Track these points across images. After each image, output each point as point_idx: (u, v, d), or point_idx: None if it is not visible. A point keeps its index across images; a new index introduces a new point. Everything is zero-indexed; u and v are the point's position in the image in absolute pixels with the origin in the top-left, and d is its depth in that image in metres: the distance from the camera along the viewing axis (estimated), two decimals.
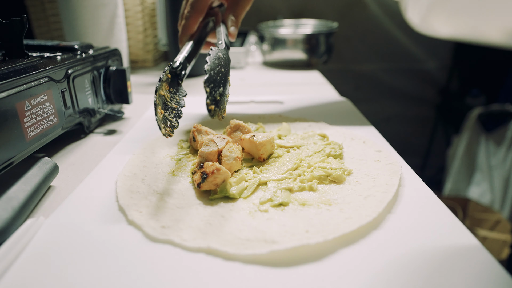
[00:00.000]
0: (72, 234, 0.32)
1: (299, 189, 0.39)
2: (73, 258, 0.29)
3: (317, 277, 0.27)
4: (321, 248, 0.29)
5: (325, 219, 0.33)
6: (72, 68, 0.51)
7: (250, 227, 0.32)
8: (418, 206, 0.35)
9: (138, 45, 1.08)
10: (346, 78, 2.08)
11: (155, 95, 0.41)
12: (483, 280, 0.26)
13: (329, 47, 1.12)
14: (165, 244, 0.30)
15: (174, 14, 0.94)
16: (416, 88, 2.13)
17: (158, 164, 0.45)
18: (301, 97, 0.76)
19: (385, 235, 0.31)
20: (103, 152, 0.52)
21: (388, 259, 0.28)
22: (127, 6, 1.02)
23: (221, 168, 0.37)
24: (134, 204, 0.35)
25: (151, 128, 0.59)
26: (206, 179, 0.36)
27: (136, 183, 0.40)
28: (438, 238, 0.31)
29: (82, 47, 0.58)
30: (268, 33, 1.13)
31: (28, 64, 0.45)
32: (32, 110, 0.42)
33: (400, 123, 2.20)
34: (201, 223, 0.33)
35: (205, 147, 0.41)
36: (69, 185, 0.43)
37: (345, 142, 0.51)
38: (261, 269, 0.27)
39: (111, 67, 0.62)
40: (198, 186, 0.37)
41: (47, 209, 0.37)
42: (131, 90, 0.65)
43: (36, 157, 0.46)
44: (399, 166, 0.41)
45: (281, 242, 0.29)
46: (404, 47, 2.03)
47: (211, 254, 0.29)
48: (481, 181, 1.76)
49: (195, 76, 1.01)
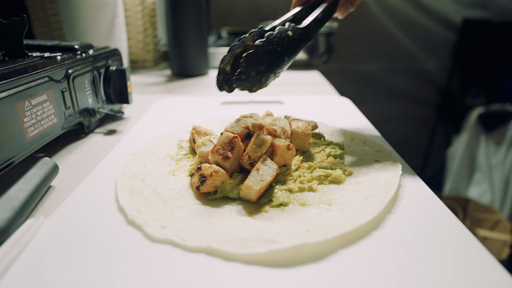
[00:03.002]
0: (72, 234, 0.32)
1: (299, 189, 0.39)
2: (73, 258, 0.29)
3: (317, 277, 0.27)
4: (321, 248, 0.29)
5: (325, 219, 0.33)
6: (72, 68, 0.51)
7: (250, 227, 0.32)
8: (418, 206, 0.35)
9: (138, 45, 1.08)
10: (346, 78, 2.08)
11: (232, 47, 0.41)
12: (483, 280, 0.26)
13: (329, 47, 1.12)
14: (165, 244, 0.30)
15: (174, 14, 0.94)
16: (416, 88, 2.13)
17: (158, 164, 0.45)
18: (301, 97, 0.76)
19: (385, 235, 0.31)
20: (103, 152, 0.52)
21: (388, 259, 0.28)
22: (127, 6, 1.02)
23: (219, 170, 0.37)
24: (134, 204, 0.35)
25: (151, 128, 0.59)
26: (205, 181, 0.36)
27: (136, 183, 0.40)
28: (438, 238, 0.31)
29: (82, 47, 0.58)
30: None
31: (28, 64, 0.45)
32: (32, 110, 0.42)
33: (400, 123, 2.20)
34: (201, 223, 0.33)
35: (204, 147, 0.41)
36: (69, 185, 0.43)
37: (345, 142, 0.50)
38: (261, 269, 0.27)
39: (111, 67, 0.62)
40: (197, 189, 0.37)
41: (47, 209, 0.37)
42: (131, 90, 0.65)
43: (36, 157, 0.46)
44: (399, 166, 0.41)
45: (281, 241, 0.29)
46: (404, 47, 2.04)
47: (211, 254, 0.29)
48: (481, 181, 1.76)
49: (195, 76, 1.01)
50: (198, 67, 1.01)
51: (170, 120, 0.63)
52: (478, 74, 2.05)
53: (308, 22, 0.43)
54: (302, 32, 0.42)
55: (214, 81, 0.97)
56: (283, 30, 0.40)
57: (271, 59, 0.39)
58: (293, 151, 0.41)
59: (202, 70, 1.02)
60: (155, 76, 1.03)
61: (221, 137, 0.39)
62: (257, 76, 0.39)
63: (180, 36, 0.96)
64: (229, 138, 0.39)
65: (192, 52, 0.98)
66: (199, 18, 0.95)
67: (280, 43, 0.39)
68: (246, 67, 0.37)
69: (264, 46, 0.38)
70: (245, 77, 0.38)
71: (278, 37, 0.39)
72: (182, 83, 0.95)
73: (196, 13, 0.94)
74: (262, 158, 0.38)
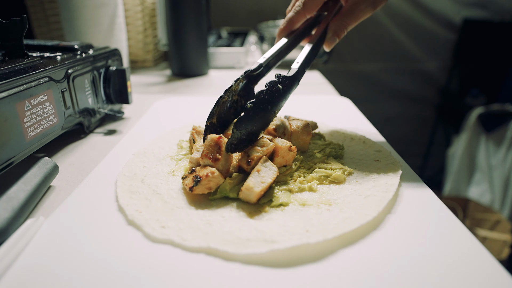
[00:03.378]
0: (72, 234, 0.32)
1: (299, 189, 0.39)
2: (73, 258, 0.29)
3: (317, 277, 0.27)
4: (321, 248, 0.29)
5: (325, 219, 0.33)
6: (72, 68, 0.51)
7: (250, 227, 0.32)
8: (418, 206, 0.35)
9: (138, 45, 1.08)
10: (346, 78, 2.08)
11: (222, 97, 0.42)
12: (483, 280, 0.26)
13: None
14: (165, 244, 0.30)
15: (174, 14, 0.94)
16: (416, 88, 2.13)
17: (158, 164, 0.45)
18: (301, 97, 0.76)
19: (385, 235, 0.31)
20: (103, 152, 0.52)
21: (388, 259, 0.28)
22: (127, 6, 1.02)
23: (215, 171, 0.37)
24: (134, 204, 0.35)
25: (151, 128, 0.59)
26: (200, 182, 0.36)
27: (136, 183, 0.40)
28: (438, 238, 0.31)
29: (82, 47, 0.58)
30: (268, 33, 1.13)
31: (28, 64, 0.45)
32: (32, 110, 0.42)
33: (400, 123, 2.20)
34: (201, 223, 0.33)
35: (196, 153, 0.41)
36: (69, 185, 0.43)
37: (345, 142, 0.50)
38: (261, 269, 0.27)
39: (111, 67, 0.62)
40: (191, 189, 0.36)
41: (47, 209, 0.37)
42: (131, 90, 0.65)
43: (36, 157, 0.46)
44: (399, 166, 0.41)
45: (281, 241, 0.29)
46: (404, 47, 2.04)
47: (211, 254, 0.29)
48: (481, 181, 1.76)
49: (195, 76, 1.01)
50: (198, 67, 1.01)
51: (170, 120, 0.63)
52: (478, 74, 2.05)
53: (296, 69, 0.44)
54: (291, 81, 0.43)
55: (214, 81, 0.97)
56: (273, 84, 0.40)
57: (262, 118, 0.40)
58: (294, 152, 0.41)
59: (202, 70, 1.02)
60: (155, 76, 1.03)
61: (206, 141, 0.39)
62: (248, 137, 0.39)
63: (180, 36, 0.96)
64: (214, 141, 0.39)
65: (192, 52, 0.98)
66: (199, 18, 0.95)
67: (271, 100, 0.40)
68: (237, 132, 0.38)
69: (255, 108, 0.38)
70: (236, 142, 0.38)
71: (269, 94, 0.40)
72: (182, 83, 0.95)
73: (196, 13, 0.94)
74: (262, 159, 0.38)
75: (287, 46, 0.50)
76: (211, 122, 0.43)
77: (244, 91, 0.46)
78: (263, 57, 0.46)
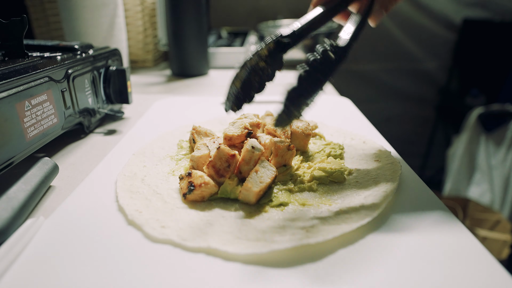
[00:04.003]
0: (72, 234, 0.32)
1: (299, 189, 0.39)
2: (73, 258, 0.29)
3: (317, 277, 0.27)
4: (321, 248, 0.29)
5: (325, 218, 0.33)
6: (72, 68, 0.51)
7: (250, 227, 0.32)
8: (418, 206, 0.35)
9: (138, 45, 1.08)
10: (346, 78, 2.08)
11: (250, 60, 0.38)
12: (483, 280, 0.26)
13: None
14: (165, 244, 0.30)
15: (174, 14, 0.94)
16: (416, 88, 2.13)
17: (158, 164, 0.45)
18: None
19: (385, 235, 0.31)
20: (103, 152, 0.52)
21: (388, 259, 0.28)
22: (127, 6, 1.02)
23: (209, 182, 0.36)
24: (134, 204, 0.35)
25: (151, 128, 0.59)
26: (193, 191, 0.36)
27: (136, 183, 0.40)
28: (438, 238, 0.31)
29: (82, 47, 0.58)
30: (268, 33, 1.13)
31: (28, 64, 0.45)
32: (32, 110, 0.42)
33: (400, 123, 2.20)
34: (201, 223, 0.33)
35: (197, 151, 0.41)
36: (69, 185, 0.43)
37: (345, 142, 0.50)
38: (261, 269, 0.27)
39: (111, 67, 0.62)
40: (184, 196, 0.36)
41: (47, 209, 0.37)
42: (131, 90, 0.65)
43: (36, 157, 0.46)
44: (399, 166, 0.41)
45: (281, 241, 0.29)
46: (404, 47, 2.03)
47: (211, 254, 0.29)
48: (481, 181, 1.76)
49: (195, 76, 1.01)
50: (198, 67, 1.01)
51: (170, 120, 0.63)
52: (478, 74, 2.05)
53: (348, 39, 0.39)
54: (342, 52, 0.38)
55: (214, 81, 0.97)
56: (326, 52, 0.36)
57: (313, 89, 0.35)
58: (293, 151, 0.41)
59: (202, 70, 1.02)
60: (155, 76, 1.03)
61: (219, 152, 0.37)
62: (296, 112, 0.35)
63: (180, 36, 0.96)
64: (226, 157, 0.37)
65: (192, 52, 0.98)
66: (199, 18, 0.95)
67: (323, 69, 0.35)
68: (289, 105, 0.34)
69: (308, 77, 0.35)
70: (285, 116, 0.34)
71: (323, 63, 0.36)
72: (182, 83, 0.95)
73: (196, 13, 0.94)
74: (260, 160, 0.38)
75: (321, 17, 0.43)
76: (234, 85, 0.40)
77: (272, 58, 0.40)
78: (297, 23, 0.41)
